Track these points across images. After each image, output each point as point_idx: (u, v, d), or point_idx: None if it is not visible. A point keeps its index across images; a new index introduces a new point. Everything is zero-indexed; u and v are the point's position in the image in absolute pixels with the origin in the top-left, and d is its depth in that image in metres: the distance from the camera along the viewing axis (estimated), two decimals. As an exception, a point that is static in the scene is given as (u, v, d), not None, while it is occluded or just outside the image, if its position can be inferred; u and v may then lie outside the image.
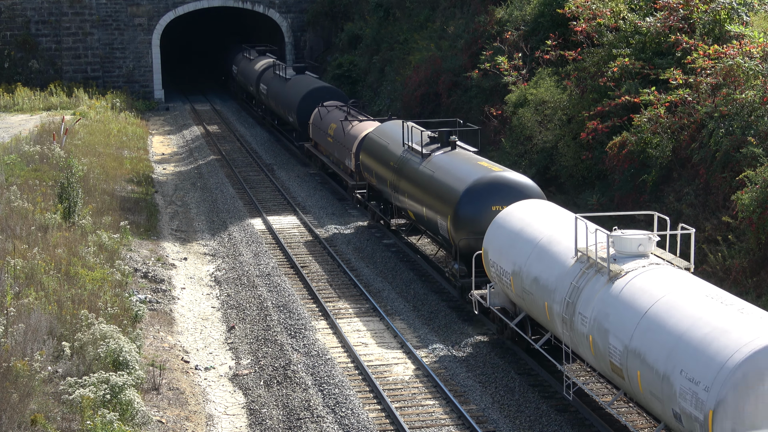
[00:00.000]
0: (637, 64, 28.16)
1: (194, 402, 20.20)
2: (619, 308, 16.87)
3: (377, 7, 54.19)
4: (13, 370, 17.52)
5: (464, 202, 24.45)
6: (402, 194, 28.93)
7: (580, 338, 18.09)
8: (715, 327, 14.84)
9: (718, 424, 14.05)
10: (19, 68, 61.58)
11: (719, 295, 15.93)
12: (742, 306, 15.35)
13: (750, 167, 22.19)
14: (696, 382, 14.51)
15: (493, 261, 21.98)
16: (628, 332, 16.38)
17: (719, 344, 14.43)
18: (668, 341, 15.41)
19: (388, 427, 19.28)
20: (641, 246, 17.81)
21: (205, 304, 26.85)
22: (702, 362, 14.52)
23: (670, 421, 15.56)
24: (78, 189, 29.79)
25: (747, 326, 14.52)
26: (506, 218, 22.12)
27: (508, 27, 37.18)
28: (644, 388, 16.02)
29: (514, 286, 20.96)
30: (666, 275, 16.94)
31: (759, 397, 13.93)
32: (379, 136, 32.14)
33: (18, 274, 22.67)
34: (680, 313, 15.61)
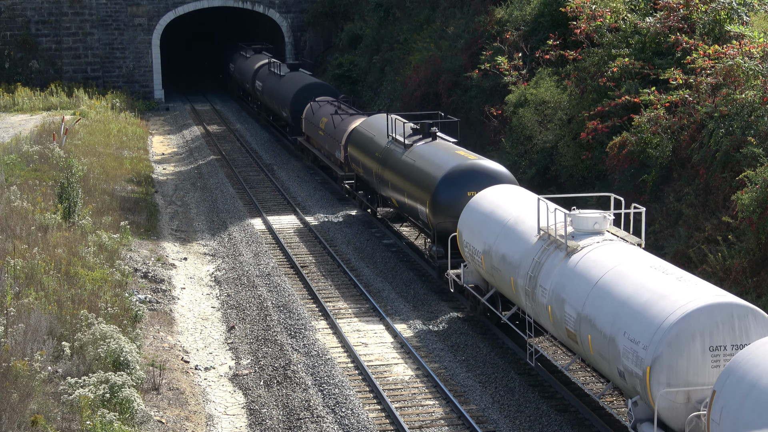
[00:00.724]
0: (637, 64, 28.15)
1: (194, 402, 20.21)
2: (574, 280, 18.44)
3: (377, 7, 54.19)
4: (13, 370, 17.52)
5: (441, 189, 26.13)
6: (386, 183, 30.42)
7: (541, 309, 19.70)
8: (655, 293, 16.44)
9: (654, 378, 15.66)
10: (19, 68, 61.58)
11: (662, 265, 17.56)
12: (680, 275, 16.95)
13: (750, 167, 22.19)
14: (636, 342, 16.10)
15: (467, 242, 23.57)
16: (581, 300, 17.97)
17: (657, 308, 16.05)
18: (614, 307, 17.03)
19: (388, 427, 19.28)
20: (596, 224, 19.46)
21: (205, 304, 26.85)
22: (642, 324, 16.11)
23: (616, 379, 17.14)
24: (78, 189, 29.79)
25: (683, 292, 16.13)
26: (479, 202, 23.73)
27: (508, 27, 37.18)
28: (594, 350, 17.58)
29: (485, 264, 22.58)
30: (617, 250, 18.52)
31: (690, 354, 15.53)
32: (366, 129, 33.77)
33: (18, 274, 22.66)
34: (626, 282, 17.21)
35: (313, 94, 43.35)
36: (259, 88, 53.41)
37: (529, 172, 31.50)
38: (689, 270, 21.71)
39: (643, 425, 16.33)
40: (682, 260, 22.57)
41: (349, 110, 38.72)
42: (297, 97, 44.68)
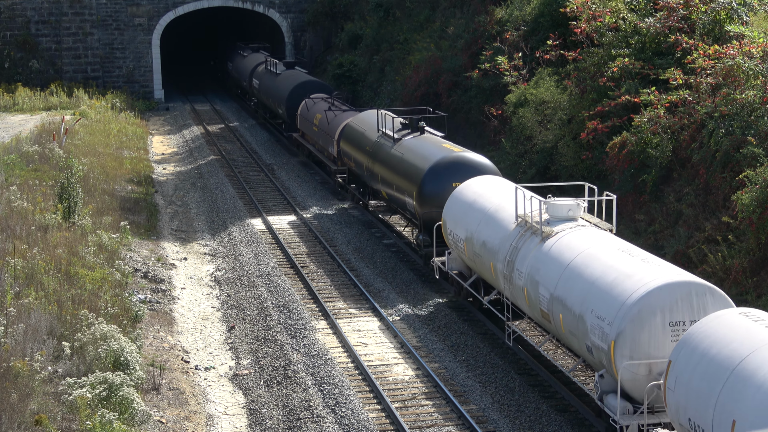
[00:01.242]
0: (637, 64, 28.16)
1: (194, 402, 20.20)
2: (548, 263, 19.61)
3: (377, 7, 54.19)
4: (13, 370, 17.52)
5: (427, 180, 27.29)
6: (376, 176, 31.66)
7: (518, 291, 20.89)
8: (621, 273, 17.57)
9: (618, 351, 16.77)
10: (19, 68, 61.59)
11: (629, 248, 18.68)
12: (645, 257, 18.10)
13: (750, 167, 22.19)
14: (602, 319, 17.24)
15: (450, 230, 24.81)
16: (554, 282, 19.14)
17: (622, 287, 17.19)
18: (584, 287, 18.17)
19: (388, 427, 19.28)
20: (570, 211, 20.65)
21: (205, 304, 26.85)
22: (608, 302, 17.26)
23: (585, 354, 18.33)
24: (78, 189, 29.79)
25: (646, 272, 17.26)
26: (462, 192, 24.97)
27: (508, 27, 37.18)
28: (566, 328, 18.75)
29: (467, 251, 23.75)
30: (588, 234, 19.71)
31: (651, 328, 16.66)
32: (358, 124, 35.08)
33: (18, 274, 22.66)
34: (595, 264, 18.36)
35: (308, 92, 44.39)
36: (256, 86, 54.55)
37: (529, 172, 31.50)
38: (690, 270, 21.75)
39: (608, 397, 17.37)
40: (682, 260, 22.57)
41: (342, 107, 39.76)
42: (292, 95, 45.69)
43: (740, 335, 14.48)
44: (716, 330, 14.89)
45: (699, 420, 14.42)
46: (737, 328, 14.70)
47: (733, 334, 14.60)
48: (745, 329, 14.58)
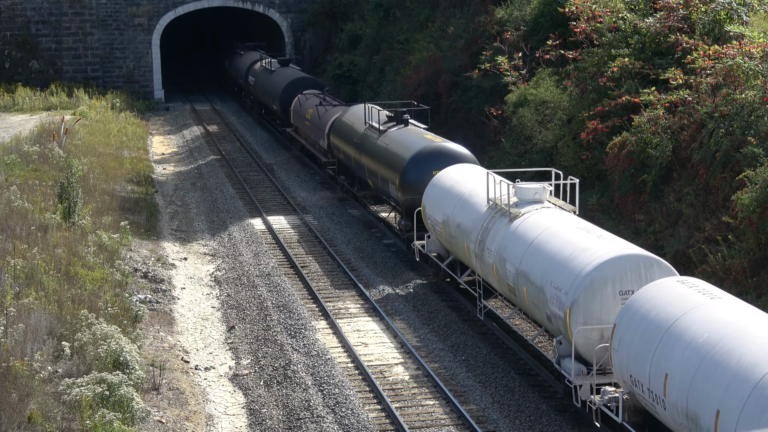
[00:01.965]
0: (637, 64, 28.16)
1: (194, 402, 20.20)
2: (514, 241, 21.21)
3: (377, 7, 54.19)
4: (13, 370, 17.52)
5: (409, 168, 28.92)
6: (363, 166, 33.31)
7: (488, 268, 22.52)
8: (577, 248, 19.13)
9: (573, 318, 18.28)
10: (19, 68, 61.59)
11: (587, 227, 20.20)
12: (601, 234, 19.68)
13: (750, 167, 22.19)
14: (560, 289, 18.79)
15: (429, 214, 26.44)
16: (519, 258, 20.73)
17: (578, 260, 18.75)
18: (544, 261, 19.75)
19: (388, 427, 19.28)
20: (537, 194, 22.19)
21: (205, 304, 26.85)
22: (564, 274, 18.81)
23: (545, 323, 19.95)
24: (78, 189, 29.78)
25: (599, 247, 18.82)
26: (440, 178, 26.55)
27: (508, 27, 37.18)
28: (529, 300, 20.34)
29: (444, 233, 25.46)
30: (552, 215, 21.26)
31: (603, 297, 18.17)
32: (347, 118, 36.70)
33: (18, 274, 22.66)
34: (555, 241, 19.93)
35: (301, 88, 45.95)
36: (251, 83, 56.18)
37: (529, 172, 31.51)
38: (689, 270, 21.76)
39: (565, 360, 18.87)
40: (682, 260, 22.58)
41: (333, 102, 41.46)
42: (286, 91, 47.17)
43: (675, 300, 15.87)
44: (655, 296, 16.32)
45: (638, 376, 15.95)
46: (674, 293, 16.09)
47: (670, 298, 16.00)
48: (681, 294, 15.98)
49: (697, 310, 15.30)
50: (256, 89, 54.85)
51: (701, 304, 15.44)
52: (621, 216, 26.32)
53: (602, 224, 24.12)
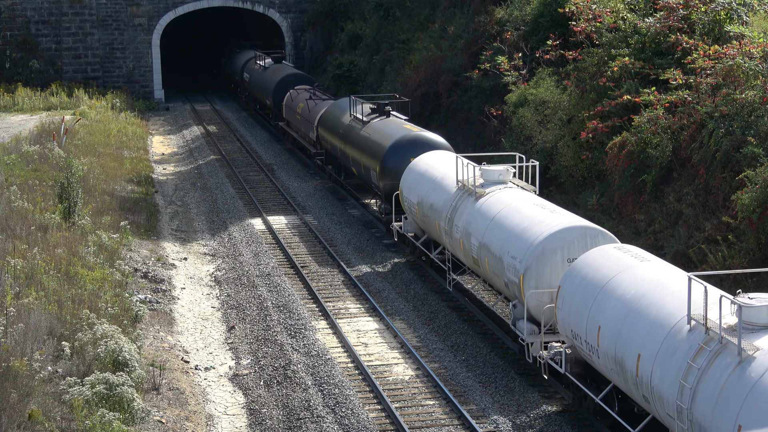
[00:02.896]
0: (637, 64, 28.15)
1: (194, 402, 20.20)
2: (478, 217, 23.38)
3: (377, 6, 54.19)
4: (13, 370, 17.51)
5: (388, 156, 31.03)
6: (347, 155, 35.49)
7: (455, 243, 24.73)
8: (532, 221, 21.33)
9: (526, 283, 20.61)
10: (19, 68, 61.58)
11: (543, 203, 22.47)
12: (555, 209, 21.92)
13: (750, 167, 22.19)
14: (515, 258, 21.05)
15: (406, 197, 28.50)
16: (482, 232, 22.93)
17: (531, 232, 20.98)
18: (503, 234, 21.96)
19: (388, 427, 19.28)
20: (500, 175, 24.40)
21: (205, 304, 26.85)
22: (519, 244, 21.05)
23: (503, 289, 22.32)
24: (78, 189, 29.78)
25: (551, 220, 21.06)
26: (416, 164, 28.71)
27: (508, 27, 37.18)
28: (490, 270, 22.59)
29: (419, 214, 27.54)
30: (513, 194, 23.42)
31: (552, 264, 20.44)
32: (334, 111, 38.97)
33: (18, 274, 22.66)
34: (514, 215, 22.16)
35: (293, 84, 48.20)
36: (246, 80, 58.66)
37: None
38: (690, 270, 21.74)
39: (519, 322, 21.05)
40: (682, 260, 22.57)
41: (322, 96, 43.70)
42: (278, 87, 49.50)
43: (611, 263, 18.01)
44: (594, 260, 18.49)
45: (577, 329, 18.15)
46: (610, 258, 18.22)
47: (606, 262, 18.13)
48: (616, 258, 18.10)
49: (628, 271, 17.40)
50: (251, 86, 56.98)
51: (632, 266, 17.51)
52: (621, 216, 26.32)
53: (602, 224, 24.26)
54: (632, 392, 16.68)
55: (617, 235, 22.43)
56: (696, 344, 14.84)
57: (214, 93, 70.88)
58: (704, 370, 14.49)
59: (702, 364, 14.55)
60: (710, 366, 14.41)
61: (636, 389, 16.35)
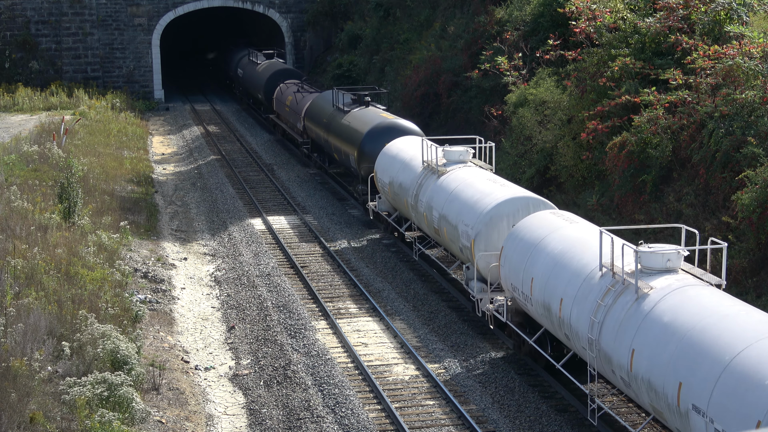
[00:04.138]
0: (637, 64, 28.14)
1: (194, 402, 20.20)
2: (439, 192, 26.26)
3: (377, 7, 54.18)
4: (13, 370, 17.51)
5: (365, 141, 33.83)
6: (330, 143, 38.38)
7: (420, 216, 27.70)
8: (483, 194, 24.25)
9: (476, 246, 23.54)
10: (19, 68, 61.57)
11: (495, 179, 25.29)
12: (504, 183, 24.80)
13: (750, 167, 22.19)
14: (468, 225, 23.96)
15: (380, 178, 31.33)
16: (442, 205, 25.78)
17: (482, 203, 23.92)
18: (458, 205, 24.86)
19: (388, 427, 19.28)
20: (461, 155, 27.19)
21: (205, 304, 26.85)
22: (472, 213, 23.98)
23: (458, 254, 25.31)
24: (78, 189, 29.78)
25: (499, 192, 24.02)
26: (389, 148, 31.45)
27: (508, 27, 37.17)
28: (448, 237, 25.46)
29: (390, 192, 30.38)
30: (471, 172, 26.17)
31: (499, 230, 23.29)
32: (319, 102, 41.83)
33: (18, 274, 22.66)
34: (469, 189, 24.96)
35: (283, 78, 51.03)
36: (240, 75, 61.68)
37: (528, 171, 31.52)
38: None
39: (471, 282, 23.73)
40: (682, 260, 22.54)
41: (309, 89, 46.31)
42: (269, 81, 52.11)
43: (545, 225, 20.72)
44: (532, 223, 21.21)
45: (515, 282, 20.83)
46: (545, 221, 20.94)
47: (541, 224, 20.82)
48: (550, 221, 20.82)
49: (558, 231, 20.13)
50: (244, 81, 59.98)
51: (561, 227, 20.25)
52: (621, 216, 26.32)
53: (602, 224, 24.35)
54: (557, 332, 19.35)
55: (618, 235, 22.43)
56: (605, 287, 17.47)
57: (214, 93, 70.87)
58: (609, 307, 17.05)
59: (608, 302, 17.13)
60: (614, 303, 16.98)
61: (560, 329, 19.00)
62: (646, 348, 15.74)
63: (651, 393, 15.64)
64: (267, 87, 52.19)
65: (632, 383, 16.24)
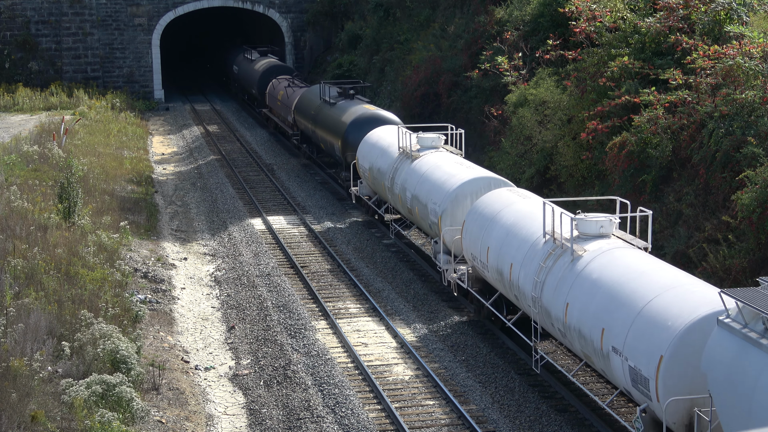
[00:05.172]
0: (637, 64, 28.14)
1: (194, 402, 20.20)
2: (412, 174, 28.56)
3: (377, 7, 54.17)
4: (13, 370, 17.51)
5: (349, 131, 36.33)
6: (317, 134, 40.99)
7: (395, 197, 30.00)
8: (450, 175, 26.47)
9: (443, 222, 25.76)
10: (19, 68, 61.56)
11: (463, 162, 27.55)
12: (470, 165, 27.05)
13: (750, 167, 22.18)
14: (436, 203, 26.27)
15: (361, 164, 33.67)
16: (414, 186, 28.06)
17: (448, 183, 26.17)
18: (428, 186, 27.17)
19: (388, 427, 19.27)
20: (433, 142, 29.48)
21: (205, 304, 26.85)
22: (439, 193, 26.31)
23: (428, 230, 27.59)
24: (78, 189, 29.78)
25: (464, 173, 26.27)
26: (370, 136, 33.68)
27: (508, 27, 37.17)
28: (419, 216, 27.83)
29: (370, 177, 32.62)
30: (442, 156, 28.44)
31: (463, 207, 25.43)
32: (307, 95, 44.20)
33: (18, 274, 22.66)
34: (438, 171, 27.25)
35: (276, 74, 53.50)
36: (235, 72, 63.94)
37: (528, 171, 31.52)
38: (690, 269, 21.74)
39: (439, 255, 26.16)
40: (682, 260, 22.57)
41: (300, 84, 48.72)
42: (262, 77, 54.68)
43: (501, 201, 23.09)
44: (490, 199, 23.57)
45: (474, 252, 23.23)
46: (502, 197, 23.36)
47: (498, 200, 23.21)
48: (505, 197, 23.19)
49: (511, 206, 22.51)
50: (239, 77, 62.32)
51: (515, 202, 22.67)
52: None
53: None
54: (509, 294, 21.66)
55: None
56: (547, 251, 19.71)
57: (213, 93, 70.88)
58: (550, 268, 19.26)
59: (549, 264, 19.35)
60: (554, 265, 19.20)
61: (510, 291, 21.35)
62: (577, 301, 18.01)
63: (581, 340, 17.92)
64: (260, 82, 54.63)
65: (567, 333, 18.55)
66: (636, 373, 15.88)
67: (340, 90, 40.43)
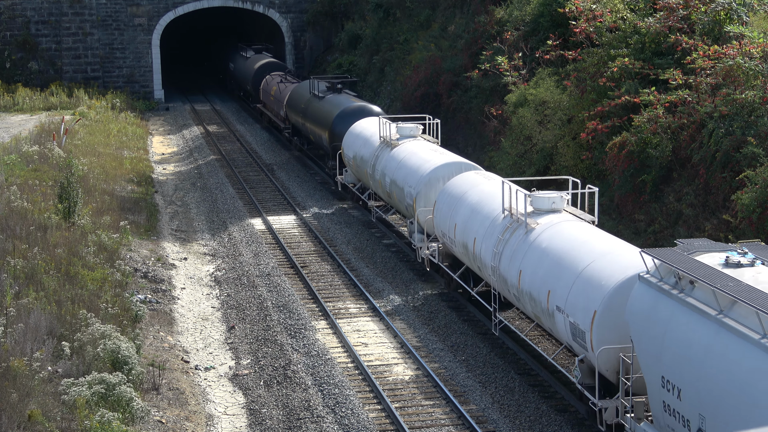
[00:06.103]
0: (637, 64, 28.14)
1: (194, 402, 20.20)
2: (391, 161, 30.60)
3: (377, 7, 54.18)
4: (13, 370, 17.51)
5: (336, 122, 38.37)
6: (306, 125, 43.03)
7: (377, 183, 31.98)
8: (425, 160, 28.61)
9: (417, 204, 27.78)
10: (19, 68, 61.56)
11: (437, 149, 29.64)
12: (443, 152, 29.13)
13: (750, 167, 22.18)
14: (411, 187, 28.28)
15: (346, 153, 35.77)
16: (393, 172, 30.15)
17: (422, 168, 28.32)
18: (405, 171, 29.25)
19: (388, 427, 19.27)
20: (411, 131, 31.55)
21: (205, 304, 26.85)
22: (414, 176, 28.37)
23: (405, 212, 29.68)
24: (78, 189, 29.78)
25: (437, 158, 28.39)
26: (355, 127, 35.84)
27: (508, 27, 37.17)
28: (397, 199, 29.85)
29: (354, 165, 34.78)
30: (419, 144, 30.55)
31: (435, 189, 27.22)
32: (298, 90, 46.13)
33: (18, 274, 22.66)
34: (414, 157, 29.37)
35: (269, 70, 55.15)
36: (231, 69, 65.70)
37: (528, 171, 31.51)
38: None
39: (414, 234, 28.22)
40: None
41: (292, 80, 50.54)
42: (257, 73, 56.13)
43: (468, 182, 25.12)
44: (458, 181, 25.63)
45: (444, 229, 25.24)
46: (469, 179, 25.33)
47: (466, 182, 25.22)
48: (472, 179, 25.19)
49: (477, 187, 24.51)
50: (235, 74, 64.01)
51: (480, 183, 24.69)
52: (621, 216, 26.32)
53: (602, 224, 24.24)
54: (473, 266, 23.74)
55: (617, 235, 22.49)
56: (505, 225, 21.81)
57: (213, 93, 70.88)
58: (507, 240, 21.37)
59: (506, 237, 21.45)
60: (511, 237, 21.31)
61: (473, 262, 23.44)
62: (528, 268, 20.17)
63: (532, 302, 20.03)
64: (254, 79, 56.17)
65: (520, 297, 20.65)
66: (575, 328, 18.00)
67: (329, 84, 42.42)
